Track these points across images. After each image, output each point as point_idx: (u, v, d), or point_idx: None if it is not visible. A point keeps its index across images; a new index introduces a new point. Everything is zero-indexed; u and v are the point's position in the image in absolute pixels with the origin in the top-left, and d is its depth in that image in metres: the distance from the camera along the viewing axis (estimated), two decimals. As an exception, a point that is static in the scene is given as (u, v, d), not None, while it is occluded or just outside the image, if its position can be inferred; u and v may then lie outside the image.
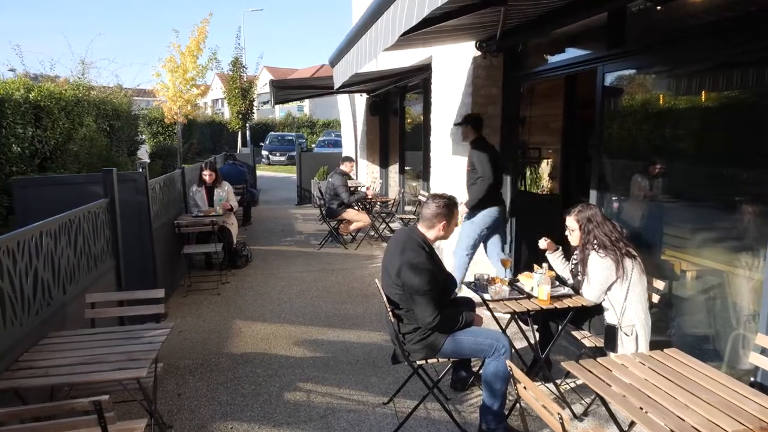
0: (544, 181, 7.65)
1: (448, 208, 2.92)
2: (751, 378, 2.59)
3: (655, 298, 3.17)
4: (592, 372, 2.20)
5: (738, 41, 2.89)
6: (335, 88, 4.78)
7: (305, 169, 12.47)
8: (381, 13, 3.07)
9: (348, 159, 7.83)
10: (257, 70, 23.31)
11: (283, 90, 7.43)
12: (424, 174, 8.45)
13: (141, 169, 4.66)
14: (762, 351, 2.42)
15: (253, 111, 23.49)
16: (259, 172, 18.17)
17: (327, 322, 4.85)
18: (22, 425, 1.74)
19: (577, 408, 3.26)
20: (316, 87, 8.05)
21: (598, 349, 3.17)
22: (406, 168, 10.28)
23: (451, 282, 2.96)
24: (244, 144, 23.24)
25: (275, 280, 6.23)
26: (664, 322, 3.50)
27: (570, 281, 3.40)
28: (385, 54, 9.05)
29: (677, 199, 3.60)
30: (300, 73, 37.88)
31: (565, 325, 3.09)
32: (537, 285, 3.05)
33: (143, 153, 17.84)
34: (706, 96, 3.31)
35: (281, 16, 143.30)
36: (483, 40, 5.15)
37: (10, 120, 8.50)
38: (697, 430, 1.79)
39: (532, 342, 3.31)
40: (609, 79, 3.93)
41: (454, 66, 5.86)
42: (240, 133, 24.74)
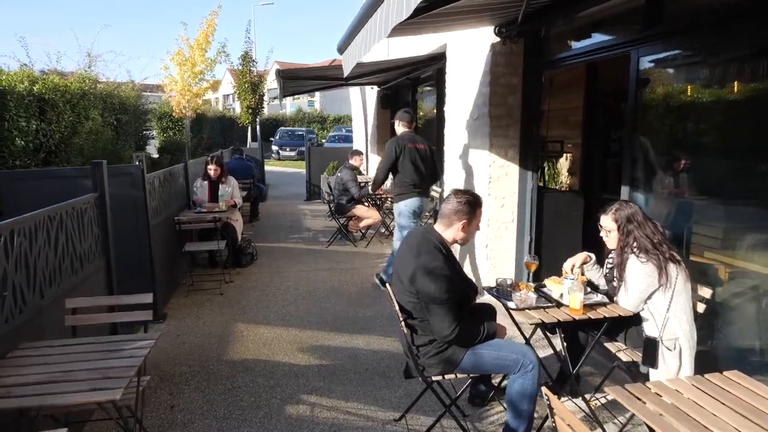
0: (562, 177, 7.28)
1: (470, 205, 2.60)
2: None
3: (701, 307, 2.82)
4: (641, 399, 1.87)
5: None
6: (344, 76, 4.47)
7: (314, 164, 12.18)
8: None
9: (357, 153, 7.52)
10: (267, 64, 23.06)
11: (291, 81, 7.13)
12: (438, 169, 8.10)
13: (138, 162, 4.39)
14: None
15: (263, 106, 23.25)
16: (268, 168, 17.95)
17: (334, 325, 4.55)
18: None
19: (611, 429, 2.93)
20: (326, 78, 7.73)
21: (634, 364, 2.83)
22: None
23: (471, 289, 2.64)
24: (254, 139, 23.02)
25: (281, 279, 5.95)
26: (705, 330, 3.14)
27: (602, 287, 3.07)
28: (396, 43, 8.73)
29: (723, 197, 3.24)
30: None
31: (598, 338, 2.75)
32: (568, 292, 2.71)
33: (152, 148, 17.69)
34: (762, 84, 2.93)
35: (292, 11, 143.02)
36: (502, 25, 4.80)
37: (13, 113, 8.29)
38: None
39: (560, 354, 2.98)
40: (644, 65, 3.56)
41: (470, 54, 5.51)
42: (250, 128, 24.53)
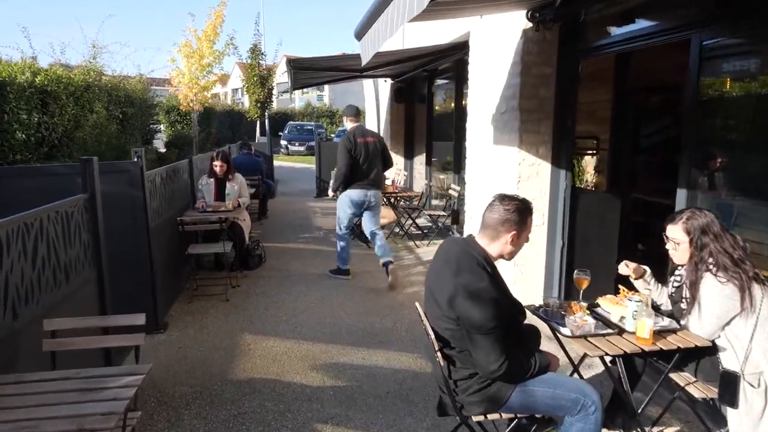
0: (588, 175, 6.83)
1: (521, 214, 2.18)
2: None
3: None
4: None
5: None
6: (362, 65, 4.05)
7: (325, 159, 11.78)
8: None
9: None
10: (276, 57, 22.67)
11: (303, 72, 6.73)
12: (456, 166, 7.68)
13: (136, 158, 4.01)
14: None
15: (272, 100, 22.87)
16: (277, 163, 17.58)
17: (350, 338, 4.16)
18: None
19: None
20: (339, 68, 7.31)
21: (708, 401, 2.41)
22: (434, 159, 9.50)
23: (519, 312, 2.23)
24: (263, 133, 22.67)
25: (291, 284, 5.57)
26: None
27: (664, 306, 2.65)
28: (412, 33, 8.28)
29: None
30: (320, 62, 37.07)
31: (668, 372, 2.33)
32: (632, 316, 2.30)
33: (159, 142, 17.38)
34: None
35: (303, 2, 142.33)
36: (536, 9, 4.36)
37: (13, 105, 7.94)
38: None
39: (616, 377, 2.57)
40: (707, 52, 3.11)
41: (497, 42, 5.07)
42: (258, 122, 24.18)
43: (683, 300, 2.49)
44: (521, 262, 4.88)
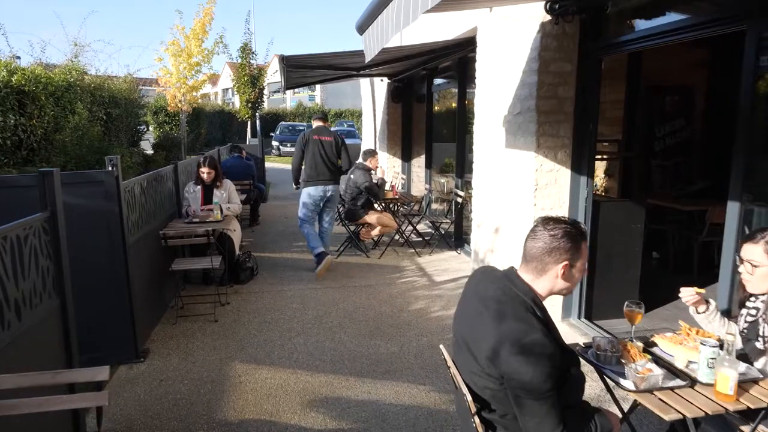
0: (598, 180, 6.46)
1: (571, 239, 1.77)
2: None
3: None
4: None
5: None
6: (366, 61, 3.62)
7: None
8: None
9: (372, 153, 6.66)
10: (267, 57, 22.13)
11: (296, 70, 6.28)
12: (458, 169, 7.27)
13: (111, 167, 3.55)
14: None
15: (263, 100, 22.33)
16: (268, 164, 17.09)
17: (353, 367, 3.72)
18: None
19: None
20: (335, 67, 6.87)
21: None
22: (434, 162, 9.08)
23: (573, 362, 1.81)
24: (254, 135, 22.14)
25: (285, 300, 5.12)
26: None
27: (732, 343, 2.24)
28: (412, 29, 7.84)
29: None
30: (312, 61, 36.52)
31: (755, 429, 1.92)
32: (707, 364, 1.88)
33: (147, 144, 16.80)
34: None
35: (293, 3, 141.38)
36: (555, 0, 3.96)
37: (-13, 106, 7.45)
38: None
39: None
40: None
41: (509, 37, 4.66)
42: (249, 122, 23.65)
43: (759, 338, 2.08)
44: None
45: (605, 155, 5.80)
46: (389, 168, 10.16)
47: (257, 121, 20.92)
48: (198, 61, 14.39)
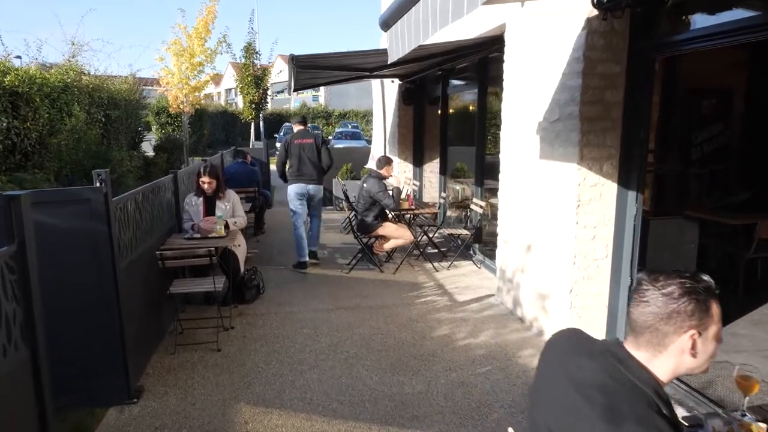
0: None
1: (696, 299, 1.30)
2: None
3: None
4: None
5: None
6: (395, 59, 3.15)
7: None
8: None
9: (387, 161, 6.19)
10: (271, 57, 21.61)
11: (306, 70, 5.83)
12: (477, 178, 6.80)
13: (99, 183, 3.09)
14: None
15: (267, 101, 21.86)
16: (273, 167, 16.61)
17: (375, 411, 3.25)
18: None
19: None
20: (349, 68, 6.41)
21: None
22: (449, 168, 8.59)
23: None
24: (258, 137, 21.68)
25: (295, 323, 4.66)
26: None
27: None
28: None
29: None
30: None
31: None
32: None
33: (148, 145, 16.37)
34: None
35: (294, 3, 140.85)
36: (604, -7, 3.50)
37: (-23, 108, 7.03)
38: None
39: None
40: None
41: (545, 35, 4.20)
42: (253, 124, 23.19)
43: None
44: (579, 302, 4.01)
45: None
46: (400, 173, 9.68)
47: (261, 123, 20.46)
48: (201, 60, 13.96)
